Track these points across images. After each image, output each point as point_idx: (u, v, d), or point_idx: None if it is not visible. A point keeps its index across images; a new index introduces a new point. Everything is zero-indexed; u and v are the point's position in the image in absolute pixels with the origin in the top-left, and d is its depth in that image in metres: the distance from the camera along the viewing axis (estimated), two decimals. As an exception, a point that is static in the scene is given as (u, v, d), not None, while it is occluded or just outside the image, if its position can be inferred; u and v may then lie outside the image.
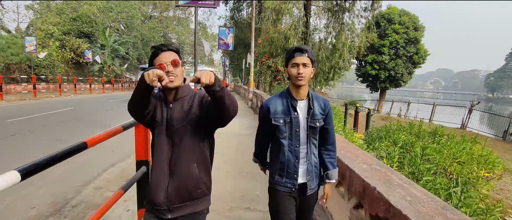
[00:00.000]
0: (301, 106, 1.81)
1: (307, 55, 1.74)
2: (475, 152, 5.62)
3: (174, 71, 1.46)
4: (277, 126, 1.81)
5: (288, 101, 1.81)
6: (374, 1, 10.53)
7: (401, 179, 2.09)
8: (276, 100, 1.86)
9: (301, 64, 1.72)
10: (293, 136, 1.80)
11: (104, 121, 9.18)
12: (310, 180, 1.84)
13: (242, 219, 3.16)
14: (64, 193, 3.78)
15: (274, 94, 1.94)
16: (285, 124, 1.81)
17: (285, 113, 1.81)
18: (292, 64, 1.75)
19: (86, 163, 4.94)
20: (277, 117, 1.81)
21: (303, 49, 1.74)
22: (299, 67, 1.72)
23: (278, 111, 1.82)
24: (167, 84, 1.44)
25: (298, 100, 1.80)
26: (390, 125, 6.99)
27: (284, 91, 1.88)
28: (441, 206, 1.66)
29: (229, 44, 13.91)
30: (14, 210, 3.28)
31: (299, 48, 1.75)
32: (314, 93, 1.86)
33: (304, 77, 1.72)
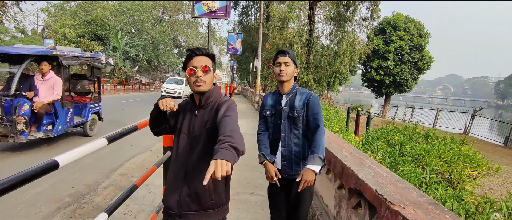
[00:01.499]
0: (285, 100, 2.10)
1: (288, 56, 2.05)
2: (463, 152, 6.09)
3: (202, 77, 1.50)
4: (265, 116, 2.16)
5: (277, 96, 2.14)
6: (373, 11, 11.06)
7: (372, 163, 2.65)
8: (270, 95, 2.21)
9: (283, 63, 2.04)
10: (275, 126, 2.11)
11: (121, 119, 9.89)
12: (286, 165, 2.07)
13: (247, 201, 3.74)
14: (95, 177, 4.41)
15: (270, 92, 2.29)
16: (271, 115, 2.13)
17: (274, 105, 2.13)
18: (276, 64, 2.08)
19: (109, 155, 5.58)
20: (266, 108, 2.16)
21: (285, 51, 2.08)
22: (281, 65, 2.04)
23: (268, 104, 2.16)
24: (194, 89, 1.53)
25: (283, 95, 2.11)
26: (387, 127, 7.49)
27: (277, 89, 2.21)
28: (395, 179, 2.21)
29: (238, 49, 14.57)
30: (57, 189, 3.91)
31: (281, 51, 2.10)
32: (300, 89, 2.13)
33: (286, 74, 2.03)
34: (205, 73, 1.52)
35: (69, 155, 1.34)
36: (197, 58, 1.53)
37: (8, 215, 3.17)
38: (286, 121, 2.06)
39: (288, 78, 2.05)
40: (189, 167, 1.53)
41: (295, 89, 2.11)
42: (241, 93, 37.35)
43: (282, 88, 2.11)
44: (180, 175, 1.55)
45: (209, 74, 1.54)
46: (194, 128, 1.56)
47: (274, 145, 2.11)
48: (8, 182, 1.00)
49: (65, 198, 3.66)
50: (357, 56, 11.97)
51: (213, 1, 7.34)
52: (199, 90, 1.52)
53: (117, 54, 29.69)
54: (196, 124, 1.56)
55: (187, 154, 1.55)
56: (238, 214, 3.35)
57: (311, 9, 11.74)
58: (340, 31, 11.39)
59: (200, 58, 1.53)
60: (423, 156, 5.41)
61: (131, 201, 3.59)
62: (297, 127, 2.05)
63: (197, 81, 1.50)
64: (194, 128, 1.56)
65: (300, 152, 2.07)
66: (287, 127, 2.07)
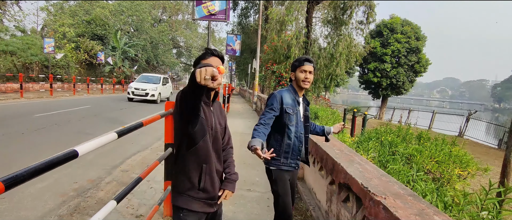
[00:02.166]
0: (301, 102, 2.34)
1: (313, 65, 2.24)
2: (453, 153, 6.29)
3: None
4: (289, 114, 2.23)
5: (295, 97, 2.29)
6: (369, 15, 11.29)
7: (361, 160, 2.83)
8: (287, 93, 2.29)
9: (308, 71, 2.21)
10: (298, 124, 2.27)
11: (121, 118, 10.04)
12: (303, 158, 2.39)
13: (245, 196, 3.91)
14: (97, 173, 4.57)
15: (283, 89, 2.36)
16: (293, 114, 2.24)
17: (293, 105, 2.26)
18: (301, 70, 2.22)
19: (110, 152, 5.73)
20: (289, 107, 2.23)
21: (311, 60, 2.24)
22: (307, 73, 2.21)
23: (289, 103, 2.24)
24: (211, 86, 1.60)
25: (299, 97, 2.33)
26: (381, 128, 7.68)
27: (289, 89, 2.34)
28: (381, 174, 2.39)
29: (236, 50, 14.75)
30: (61, 183, 4.07)
31: (308, 59, 2.24)
32: (304, 94, 2.43)
33: (309, 82, 2.25)
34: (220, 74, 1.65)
35: (86, 146, 1.51)
36: (214, 58, 1.65)
37: (16, 207, 3.32)
38: (303, 120, 2.31)
39: (310, 86, 2.31)
40: (215, 158, 1.69)
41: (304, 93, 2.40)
42: (239, 94, 37.54)
43: (300, 92, 2.31)
44: (213, 166, 1.66)
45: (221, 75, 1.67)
46: (214, 123, 1.67)
47: (299, 143, 2.29)
48: (34, 168, 1.17)
49: (69, 192, 3.82)
50: (353, 58, 12.19)
51: (213, 4, 7.52)
52: (214, 87, 1.60)
53: (116, 54, 29.80)
54: (215, 120, 1.68)
55: (210, 149, 1.64)
56: (235, 209, 3.52)
57: (308, 12, 11.97)
58: (336, 34, 11.65)
59: (216, 59, 1.65)
60: (415, 156, 5.59)
61: (133, 195, 3.75)
62: (309, 124, 2.42)
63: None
64: (214, 124, 1.67)
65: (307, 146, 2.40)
66: (304, 126, 2.32)
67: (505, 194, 2.23)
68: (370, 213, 1.97)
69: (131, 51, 31.92)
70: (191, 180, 1.62)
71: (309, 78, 2.20)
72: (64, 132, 7.16)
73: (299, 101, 2.30)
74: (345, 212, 2.55)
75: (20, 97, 14.15)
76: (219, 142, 1.72)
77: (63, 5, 34.57)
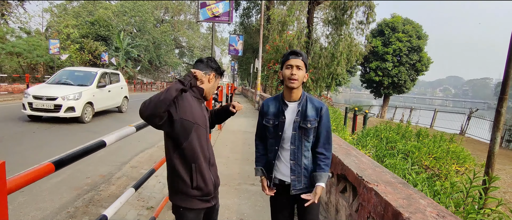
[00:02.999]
0: (291, 109, 1.85)
1: (301, 58, 1.77)
2: (451, 149, 6.46)
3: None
4: (266, 126, 1.91)
5: (280, 105, 1.88)
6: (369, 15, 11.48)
7: (357, 153, 3.03)
8: (271, 102, 1.95)
9: (294, 66, 1.75)
10: (275, 138, 1.88)
11: (126, 117, 10.28)
12: (295, 180, 1.86)
13: (248, 190, 4.11)
14: (108, 169, 4.80)
15: (273, 96, 2.02)
16: (273, 126, 1.89)
17: (276, 115, 1.88)
18: (286, 66, 1.78)
19: (119, 150, 5.95)
20: (268, 118, 1.91)
21: (298, 53, 1.78)
22: (293, 68, 1.75)
23: (270, 112, 1.91)
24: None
25: (288, 103, 1.85)
26: (380, 125, 7.86)
27: (278, 95, 1.94)
28: (375, 165, 2.59)
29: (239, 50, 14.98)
30: (75, 178, 4.29)
31: (294, 52, 1.80)
32: (309, 96, 1.88)
33: (297, 80, 1.76)
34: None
35: (111, 137, 1.73)
36: None
37: (35, 200, 3.55)
38: (296, 132, 1.83)
39: (299, 85, 1.80)
40: (211, 155, 1.79)
41: (305, 97, 1.86)
42: (242, 94, 37.74)
43: (289, 95, 1.85)
44: (207, 163, 1.74)
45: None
46: (207, 120, 1.79)
47: (273, 158, 1.91)
48: (74, 154, 1.38)
49: (83, 186, 4.05)
50: (354, 57, 12.37)
51: (216, 6, 7.73)
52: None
53: (120, 55, 30.11)
54: (206, 116, 1.79)
55: (206, 144, 1.73)
56: (240, 201, 3.72)
57: (309, 13, 12.18)
58: (337, 33, 11.86)
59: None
60: (414, 152, 5.77)
61: (142, 189, 3.96)
62: (308, 138, 1.84)
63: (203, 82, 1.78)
64: (207, 121, 1.79)
65: (309, 165, 1.87)
66: (297, 139, 1.84)
67: (489, 183, 2.41)
68: (363, 199, 2.17)
69: (134, 51, 32.24)
70: (184, 179, 1.66)
71: (296, 75, 1.75)
72: (74, 131, 7.40)
73: (285, 110, 1.85)
74: (343, 202, 2.75)
75: (27, 98, 14.41)
76: (207, 135, 1.79)
77: (66, 6, 34.91)
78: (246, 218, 3.30)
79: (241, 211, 3.46)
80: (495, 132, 2.64)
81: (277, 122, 1.87)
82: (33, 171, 1.08)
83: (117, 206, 1.86)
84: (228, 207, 3.51)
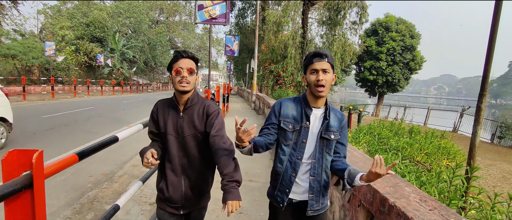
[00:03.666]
0: (316, 116, 1.62)
1: (327, 60, 1.53)
2: (442, 145, 6.69)
3: (187, 78, 1.60)
4: (285, 130, 1.63)
5: (303, 108, 1.62)
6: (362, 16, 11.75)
7: (350, 148, 3.20)
8: (290, 103, 1.67)
9: (320, 70, 1.52)
10: (297, 146, 1.61)
11: (124, 118, 10.39)
12: (314, 199, 1.64)
13: (247, 186, 4.28)
14: (110, 168, 4.93)
15: (290, 97, 1.76)
16: (293, 131, 1.61)
17: (297, 119, 1.62)
18: (311, 71, 1.55)
19: (119, 149, 6.08)
20: (287, 120, 1.62)
21: (323, 54, 1.53)
22: (319, 73, 1.51)
23: (289, 115, 1.63)
24: (179, 88, 1.59)
25: (313, 108, 1.61)
26: (374, 123, 8.07)
27: (299, 97, 1.69)
28: (366, 158, 2.77)
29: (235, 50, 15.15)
30: (78, 177, 4.42)
31: (318, 53, 1.54)
32: (331, 106, 1.67)
33: (325, 86, 1.53)
34: (190, 74, 1.62)
35: (123, 133, 1.88)
36: (184, 60, 1.62)
37: (41, 197, 3.67)
38: (318, 143, 1.60)
39: (327, 91, 1.57)
40: (185, 164, 1.68)
41: (328, 105, 1.64)
42: (238, 94, 37.88)
43: (315, 100, 1.61)
44: (178, 172, 1.68)
45: (193, 76, 1.64)
46: (182, 129, 1.65)
47: (292, 171, 1.62)
48: (92, 147, 1.54)
49: (87, 184, 4.18)
50: (348, 57, 12.63)
51: (213, 8, 7.90)
52: (183, 90, 1.60)
53: (115, 56, 30.11)
54: (184, 126, 1.65)
55: (179, 153, 1.67)
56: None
57: (304, 14, 12.40)
58: (331, 34, 12.12)
59: (186, 61, 1.63)
60: (406, 149, 5.97)
61: (145, 186, 4.10)
62: (330, 151, 1.64)
63: (182, 81, 1.58)
64: (182, 130, 1.65)
65: (328, 181, 1.69)
66: (318, 151, 1.61)
67: (471, 173, 2.60)
68: (355, 189, 2.34)
69: (129, 52, 32.25)
70: (157, 182, 1.78)
71: (323, 80, 1.51)
72: (74, 131, 7.51)
73: (310, 114, 1.60)
74: (337, 194, 2.92)
75: (23, 100, 14.44)
76: (191, 145, 1.67)
77: (60, 8, 34.78)
78: (245, 211, 3.46)
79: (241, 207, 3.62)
80: (476, 126, 2.83)
81: (298, 127, 1.60)
82: (62, 160, 1.23)
83: (127, 197, 2.01)
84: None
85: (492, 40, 2.71)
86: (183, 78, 1.58)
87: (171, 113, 1.67)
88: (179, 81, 1.59)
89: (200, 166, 1.71)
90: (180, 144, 1.66)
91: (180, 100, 1.66)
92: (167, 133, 1.65)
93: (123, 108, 13.39)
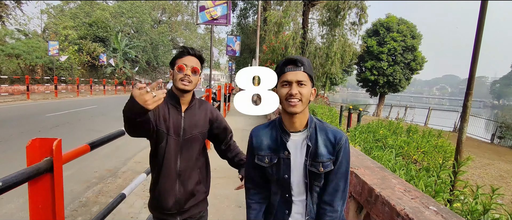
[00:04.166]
0: (297, 143, 1.26)
1: (304, 69, 1.20)
2: (439, 144, 6.81)
3: (191, 77, 1.49)
4: (261, 167, 1.31)
5: (278, 134, 1.28)
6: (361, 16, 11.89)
7: (345, 144, 3.35)
8: (263, 129, 1.34)
9: (294, 82, 1.18)
10: (279, 184, 1.30)
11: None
12: None
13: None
14: (113, 164, 5.09)
15: (265, 123, 1.39)
16: (270, 165, 1.29)
17: (273, 149, 1.28)
18: (283, 83, 1.21)
19: (122, 147, 6.24)
20: (262, 154, 1.30)
21: (298, 61, 1.20)
22: (292, 86, 1.18)
23: (263, 145, 1.30)
24: (179, 86, 1.48)
25: (291, 133, 1.26)
26: (372, 122, 8.20)
27: (275, 120, 1.34)
28: (359, 154, 2.90)
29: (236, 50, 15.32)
30: (83, 172, 4.58)
31: (291, 60, 1.21)
32: (319, 123, 1.28)
33: (301, 101, 1.18)
34: (194, 73, 1.51)
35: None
36: (189, 57, 1.52)
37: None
38: (307, 179, 1.25)
39: (303, 108, 1.20)
40: (182, 167, 1.56)
41: (313, 124, 1.27)
42: (239, 94, 38.00)
43: (290, 122, 1.25)
44: (173, 176, 1.55)
45: (197, 76, 1.53)
46: (184, 130, 1.54)
47: (286, 209, 1.31)
48: (102, 139, 1.69)
49: (92, 179, 4.34)
50: (348, 57, 12.78)
51: (215, 9, 8.06)
52: (184, 89, 1.49)
53: (117, 55, 30.33)
54: (186, 126, 1.55)
55: (177, 156, 1.54)
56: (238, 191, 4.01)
57: (304, 14, 12.56)
58: (331, 34, 12.28)
59: (192, 59, 1.52)
60: (403, 147, 6.10)
61: (147, 181, 4.25)
62: (320, 184, 1.27)
63: (184, 79, 1.47)
64: (184, 131, 1.54)
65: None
66: (306, 186, 1.27)
67: (457, 168, 2.72)
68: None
69: (132, 52, 32.48)
70: (151, 185, 1.64)
71: (297, 95, 1.18)
72: (77, 129, 7.68)
73: (287, 141, 1.25)
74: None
75: (26, 99, 14.66)
76: (190, 147, 1.58)
77: (63, 8, 35.05)
78: (243, 205, 3.60)
79: (239, 201, 3.76)
80: (462, 123, 2.96)
81: (276, 159, 1.27)
82: (76, 149, 1.39)
83: (133, 187, 2.16)
84: (227, 197, 3.81)
85: (478, 41, 2.83)
86: (185, 76, 1.47)
87: (172, 112, 1.54)
88: (180, 79, 1.47)
89: (196, 170, 1.63)
90: (179, 146, 1.55)
91: (181, 100, 1.55)
92: (168, 134, 1.51)
93: (125, 108, 13.59)
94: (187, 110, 1.57)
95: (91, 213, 3.34)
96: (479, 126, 19.64)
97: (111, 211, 1.90)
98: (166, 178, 1.54)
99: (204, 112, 1.65)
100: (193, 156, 1.59)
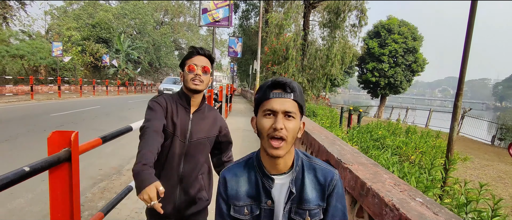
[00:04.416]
0: (282, 187, 1.00)
1: (293, 97, 0.93)
2: (437, 144, 6.91)
3: (202, 76, 1.47)
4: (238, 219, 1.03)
5: (258, 178, 1.01)
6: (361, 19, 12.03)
7: (341, 143, 3.47)
8: (238, 171, 1.05)
9: (280, 112, 0.91)
10: None
11: (130, 116, 10.71)
12: None
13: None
14: (118, 162, 5.23)
15: (237, 162, 1.09)
16: (252, 218, 1.02)
17: (253, 197, 1.02)
18: (265, 112, 0.94)
19: (126, 145, 6.38)
20: (239, 204, 1.02)
21: (287, 86, 0.93)
22: (277, 118, 0.91)
23: (240, 193, 1.02)
24: (191, 86, 1.46)
25: (274, 176, 0.99)
26: (372, 123, 8.31)
27: (252, 158, 1.06)
28: (354, 152, 3.02)
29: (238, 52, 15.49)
30: (89, 170, 4.72)
31: (279, 83, 0.94)
32: (307, 161, 1.03)
33: (282, 145, 0.91)
34: (205, 73, 1.49)
35: (136, 124, 2.16)
36: (200, 57, 1.49)
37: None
38: None
39: (288, 148, 0.95)
40: (185, 172, 1.51)
41: (300, 162, 1.02)
42: (241, 95, 38.20)
43: (271, 164, 0.99)
44: (174, 180, 1.49)
45: (207, 75, 1.51)
46: (191, 133, 1.50)
47: None
48: (112, 134, 1.82)
49: (97, 176, 4.48)
50: (348, 59, 12.92)
51: (217, 12, 8.23)
52: (196, 89, 1.46)
53: (120, 56, 30.56)
54: (194, 129, 1.51)
55: (180, 159, 1.49)
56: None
57: (305, 16, 12.72)
58: (331, 36, 12.42)
59: (202, 58, 1.50)
60: (401, 148, 6.21)
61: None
62: None
63: (195, 79, 1.45)
64: (191, 134, 1.50)
65: None
66: None
67: (448, 165, 2.84)
68: (340, 177, 2.61)
69: (134, 53, 32.71)
70: None
71: (283, 131, 0.91)
72: (82, 129, 7.83)
73: (271, 187, 0.99)
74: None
75: (30, 99, 14.83)
76: (196, 152, 1.53)
77: (66, 9, 35.34)
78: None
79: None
80: (453, 122, 3.07)
81: (258, 211, 1.02)
82: (90, 142, 1.52)
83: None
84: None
85: (468, 42, 2.95)
86: (196, 76, 1.45)
87: (181, 113, 1.50)
88: (191, 79, 1.45)
89: (199, 176, 1.57)
90: (185, 149, 1.50)
91: (192, 101, 1.52)
92: (174, 134, 1.47)
93: (128, 108, 13.75)
94: (196, 112, 1.54)
95: (97, 208, 3.47)
96: (480, 127, 19.70)
97: (119, 201, 2.03)
98: (167, 181, 1.47)
99: (213, 117, 1.61)
100: (198, 161, 1.54)
